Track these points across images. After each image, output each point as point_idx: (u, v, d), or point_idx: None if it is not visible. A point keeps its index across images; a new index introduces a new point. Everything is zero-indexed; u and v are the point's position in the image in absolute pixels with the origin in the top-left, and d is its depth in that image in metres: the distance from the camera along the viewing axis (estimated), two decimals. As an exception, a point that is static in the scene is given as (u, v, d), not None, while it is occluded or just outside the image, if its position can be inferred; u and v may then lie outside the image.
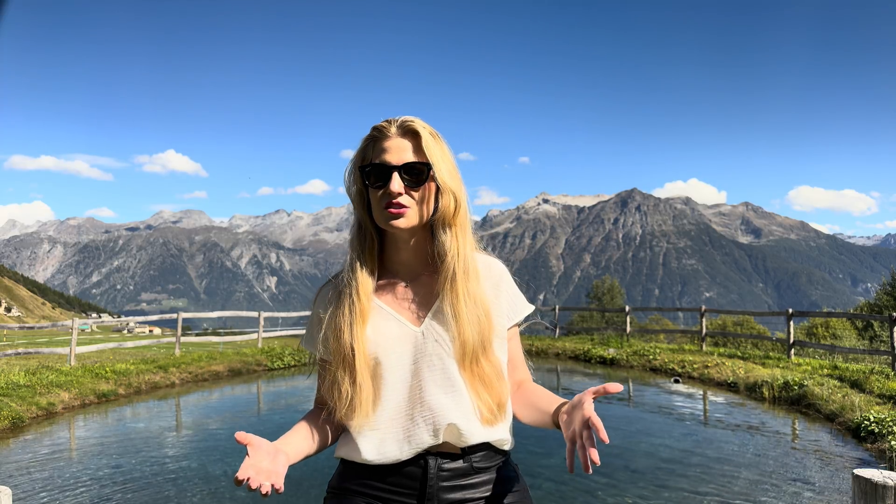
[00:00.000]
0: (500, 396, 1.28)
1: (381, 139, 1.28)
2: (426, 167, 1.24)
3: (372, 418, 1.25)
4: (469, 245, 1.30)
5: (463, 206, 1.28)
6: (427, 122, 1.31)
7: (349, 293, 1.28)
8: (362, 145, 1.32)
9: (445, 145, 1.30)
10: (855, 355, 12.33)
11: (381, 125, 1.29)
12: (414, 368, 1.26)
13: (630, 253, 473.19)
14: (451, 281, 1.26)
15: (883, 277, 22.40)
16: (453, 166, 1.29)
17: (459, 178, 1.30)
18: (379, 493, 1.26)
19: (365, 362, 1.25)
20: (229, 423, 8.15)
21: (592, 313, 28.13)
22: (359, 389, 1.24)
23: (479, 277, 1.30)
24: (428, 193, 1.26)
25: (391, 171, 1.24)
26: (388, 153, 1.25)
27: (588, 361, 14.63)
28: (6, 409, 7.90)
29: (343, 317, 1.27)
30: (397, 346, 1.27)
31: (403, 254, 1.32)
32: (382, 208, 1.25)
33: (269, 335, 16.61)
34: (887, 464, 5.99)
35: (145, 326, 59.19)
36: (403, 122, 1.27)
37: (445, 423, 1.23)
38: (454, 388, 1.25)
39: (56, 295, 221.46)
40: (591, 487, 5.25)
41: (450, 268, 1.26)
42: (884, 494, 1.66)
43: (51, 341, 22.27)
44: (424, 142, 1.25)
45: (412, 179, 1.24)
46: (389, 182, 1.23)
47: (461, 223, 1.29)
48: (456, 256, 1.26)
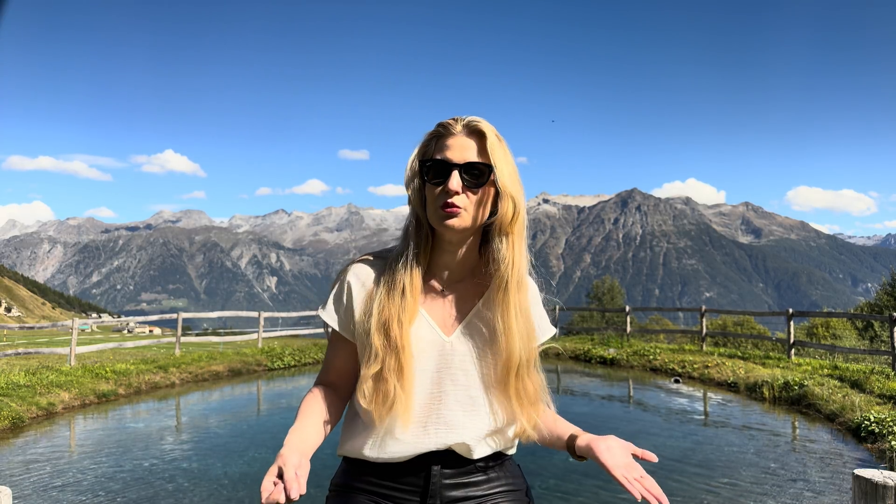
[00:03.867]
0: (530, 422, 1.26)
1: (445, 136, 1.24)
2: (488, 169, 1.20)
3: (402, 419, 1.21)
4: (524, 256, 1.26)
5: (522, 214, 1.23)
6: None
7: (402, 289, 1.23)
8: (425, 140, 1.28)
9: (509, 150, 1.25)
10: (855, 355, 12.33)
11: (447, 122, 1.25)
12: (436, 377, 1.24)
13: (630, 253, 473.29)
14: (504, 292, 1.22)
15: (883, 277, 22.38)
16: (515, 171, 1.24)
17: (520, 185, 1.25)
18: (382, 491, 1.26)
19: (411, 364, 1.21)
20: (229, 424, 8.15)
21: (592, 313, 28.10)
22: (406, 391, 1.19)
23: (528, 291, 1.27)
24: (486, 196, 1.22)
25: (451, 168, 1.20)
26: (451, 150, 1.21)
27: (588, 361, 14.64)
28: (6, 409, 7.90)
29: (394, 311, 1.21)
30: (425, 351, 1.24)
31: (447, 256, 1.27)
32: (438, 206, 1.21)
33: (269, 335, 16.62)
34: (887, 464, 5.98)
35: (145, 326, 59.15)
36: (470, 122, 1.24)
37: (458, 441, 1.22)
38: (474, 407, 1.23)
39: (56, 295, 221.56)
40: (591, 487, 5.25)
41: (503, 278, 1.21)
42: (884, 494, 1.66)
43: (51, 341, 22.27)
44: (489, 143, 1.20)
45: (472, 180, 1.20)
46: (448, 180, 1.19)
47: (519, 231, 1.24)
48: (511, 266, 1.21)
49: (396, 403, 1.19)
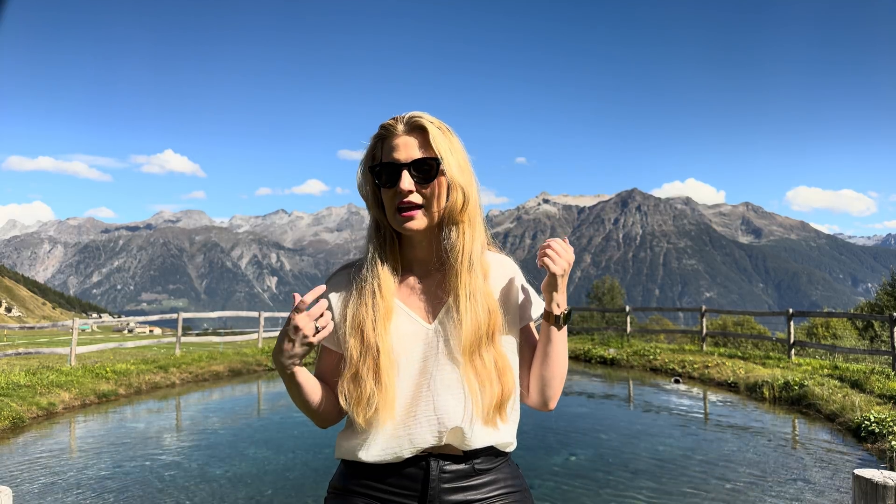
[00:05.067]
0: (500, 395, 1.24)
1: (389, 137, 1.25)
2: (435, 162, 1.22)
3: (384, 418, 1.22)
4: (476, 240, 1.28)
5: (472, 201, 1.26)
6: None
7: (372, 290, 1.26)
8: (371, 144, 1.30)
9: (455, 139, 1.27)
10: (855, 355, 12.32)
11: (388, 123, 1.26)
12: (423, 366, 1.25)
13: (630, 253, 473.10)
14: (456, 277, 1.25)
15: (883, 277, 22.35)
16: (464, 160, 1.27)
17: (470, 172, 1.28)
18: (380, 494, 1.25)
19: (390, 362, 1.23)
20: (229, 424, 8.15)
21: (593, 313, 28.04)
22: (384, 390, 1.21)
23: (485, 274, 1.29)
24: (439, 189, 1.24)
25: (400, 168, 1.22)
26: (397, 151, 1.23)
27: (588, 361, 14.63)
28: (7, 409, 7.90)
29: (366, 313, 1.24)
30: (410, 343, 1.26)
31: (418, 251, 1.31)
32: (395, 210, 1.23)
33: (269, 335, 16.61)
34: (888, 464, 5.98)
35: (146, 326, 59.11)
36: (410, 119, 1.25)
37: (450, 426, 1.22)
38: (462, 390, 1.24)
39: (56, 295, 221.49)
40: (591, 487, 5.25)
41: (453, 265, 1.25)
42: (884, 495, 1.66)
43: (51, 341, 22.26)
44: (432, 136, 1.22)
45: (421, 176, 1.22)
46: (399, 180, 1.21)
47: (470, 218, 1.26)
48: (461, 252, 1.25)
49: (376, 404, 1.21)
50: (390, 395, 1.22)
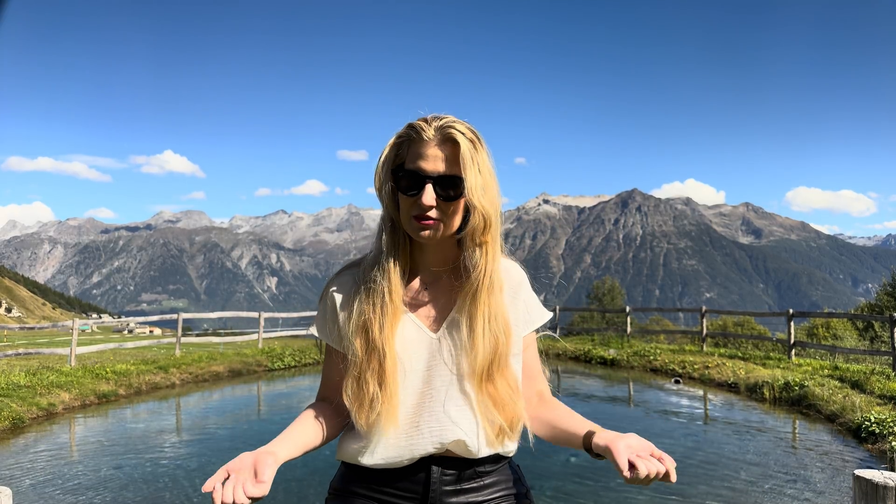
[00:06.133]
0: (511, 417, 1.23)
1: (417, 141, 1.18)
2: (461, 181, 1.16)
3: (387, 423, 1.19)
4: (497, 261, 1.24)
5: (494, 224, 1.20)
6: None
7: (381, 291, 1.21)
8: (395, 142, 1.22)
9: (484, 153, 1.19)
10: (856, 356, 12.32)
11: (419, 125, 1.18)
12: (426, 376, 1.22)
13: (630, 253, 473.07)
14: (473, 296, 1.20)
15: (883, 278, 22.34)
16: (490, 180, 1.19)
17: (495, 192, 1.20)
18: (381, 496, 1.24)
19: (394, 366, 1.19)
20: (229, 424, 8.15)
21: (593, 314, 28.05)
22: (388, 394, 1.18)
23: (501, 290, 1.25)
24: (461, 207, 1.19)
25: (425, 181, 1.16)
26: (424, 160, 1.16)
27: (588, 362, 14.63)
28: (7, 410, 7.90)
29: (373, 314, 1.20)
30: (413, 350, 1.22)
31: (428, 256, 1.27)
32: (411, 217, 1.18)
33: (269, 336, 16.62)
34: (888, 464, 5.98)
35: (146, 327, 59.11)
36: (444, 128, 1.17)
37: (452, 438, 1.20)
38: (466, 402, 1.22)
39: (56, 295, 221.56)
40: (592, 488, 5.25)
41: (474, 283, 1.20)
42: (884, 495, 1.66)
43: (51, 342, 22.25)
44: (462, 154, 1.15)
45: (445, 193, 1.16)
46: (422, 193, 1.16)
47: (492, 239, 1.21)
48: (482, 272, 1.20)
49: (379, 407, 1.18)
50: (395, 400, 1.19)
